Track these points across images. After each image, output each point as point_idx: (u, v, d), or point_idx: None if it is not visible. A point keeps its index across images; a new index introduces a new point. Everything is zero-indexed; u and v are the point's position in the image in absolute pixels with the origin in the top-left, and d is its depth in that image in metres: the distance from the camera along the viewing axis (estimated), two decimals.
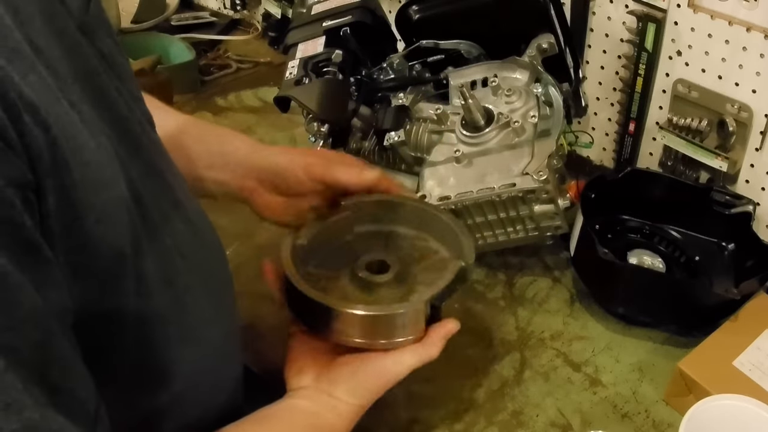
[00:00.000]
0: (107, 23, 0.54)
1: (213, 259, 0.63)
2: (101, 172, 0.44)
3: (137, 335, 0.51)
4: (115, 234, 0.45)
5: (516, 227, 0.95)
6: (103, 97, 0.48)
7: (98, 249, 0.44)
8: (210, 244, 0.63)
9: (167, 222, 0.53)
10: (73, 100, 0.43)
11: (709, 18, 0.94)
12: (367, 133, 0.97)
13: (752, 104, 0.95)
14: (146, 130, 0.55)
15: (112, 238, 0.45)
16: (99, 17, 0.53)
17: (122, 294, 0.47)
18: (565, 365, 0.91)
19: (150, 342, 0.52)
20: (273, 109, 0.96)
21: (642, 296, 0.93)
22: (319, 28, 1.00)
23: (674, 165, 1.07)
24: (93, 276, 0.44)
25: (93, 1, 0.52)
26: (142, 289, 0.49)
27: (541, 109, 0.92)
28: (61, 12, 0.46)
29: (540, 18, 0.93)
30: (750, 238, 0.95)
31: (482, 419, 0.85)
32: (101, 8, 0.53)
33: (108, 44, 0.52)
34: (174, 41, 1.52)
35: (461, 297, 1.00)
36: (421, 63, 1.01)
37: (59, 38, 0.44)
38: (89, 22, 0.50)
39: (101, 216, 0.43)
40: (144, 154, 0.52)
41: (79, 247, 0.42)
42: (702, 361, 0.84)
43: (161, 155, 0.58)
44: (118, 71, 0.53)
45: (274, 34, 1.57)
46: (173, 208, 0.55)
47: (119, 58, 0.54)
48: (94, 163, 0.43)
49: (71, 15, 0.48)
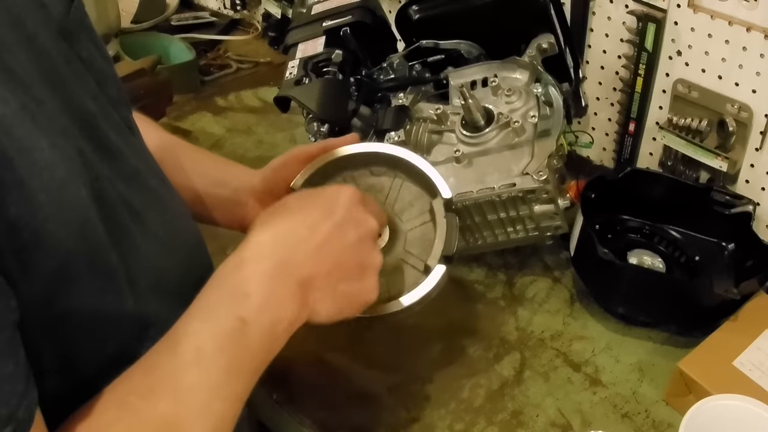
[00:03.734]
0: (90, 28, 0.56)
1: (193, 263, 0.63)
2: (52, 171, 0.44)
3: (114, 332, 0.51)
4: (66, 233, 0.45)
5: (516, 227, 0.95)
6: (72, 100, 0.49)
7: (47, 247, 0.44)
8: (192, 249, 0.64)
9: (142, 224, 0.54)
10: (35, 97, 0.45)
11: (709, 18, 0.94)
12: (367, 133, 0.97)
13: (752, 104, 0.95)
14: (124, 133, 0.56)
15: (62, 237, 0.45)
16: (81, 22, 0.55)
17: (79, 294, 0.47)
18: (565, 365, 0.91)
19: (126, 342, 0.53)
20: (273, 109, 0.96)
21: (642, 296, 0.93)
22: (319, 28, 1.00)
23: (674, 165, 1.07)
24: (42, 275, 0.44)
25: (74, 7, 0.53)
26: (112, 287, 0.50)
27: (541, 109, 0.92)
28: (38, 18, 0.48)
29: (540, 18, 0.93)
30: (750, 238, 0.95)
31: (482, 419, 0.85)
32: (84, 14, 0.55)
33: (89, 48, 0.54)
34: (174, 41, 1.52)
35: (461, 297, 1.00)
36: (421, 63, 1.01)
37: (28, 43, 0.46)
38: (69, 27, 0.52)
39: (50, 215, 0.44)
40: (117, 155, 0.53)
41: (26, 245, 0.43)
42: (702, 361, 0.84)
43: (141, 159, 0.58)
44: (97, 75, 0.54)
45: (274, 34, 1.57)
46: (150, 210, 0.56)
47: (100, 63, 0.55)
48: (43, 161, 0.43)
49: (51, 20, 0.50)
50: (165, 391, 0.49)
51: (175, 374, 0.50)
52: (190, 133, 1.35)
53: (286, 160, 0.79)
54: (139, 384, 0.50)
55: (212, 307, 0.54)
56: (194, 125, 1.37)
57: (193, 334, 0.52)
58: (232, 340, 0.52)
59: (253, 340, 0.53)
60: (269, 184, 0.79)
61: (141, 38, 1.52)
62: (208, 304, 0.54)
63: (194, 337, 0.51)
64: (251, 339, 0.53)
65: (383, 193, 0.79)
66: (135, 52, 1.41)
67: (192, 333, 0.52)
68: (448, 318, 0.97)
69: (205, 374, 0.51)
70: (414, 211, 0.78)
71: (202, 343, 0.51)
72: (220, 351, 0.51)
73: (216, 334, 0.52)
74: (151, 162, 0.62)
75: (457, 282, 1.03)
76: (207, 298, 0.55)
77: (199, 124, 1.37)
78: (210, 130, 1.36)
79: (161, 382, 0.50)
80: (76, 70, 0.52)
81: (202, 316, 0.53)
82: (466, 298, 1.00)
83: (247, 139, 1.33)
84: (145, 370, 0.51)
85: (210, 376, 0.51)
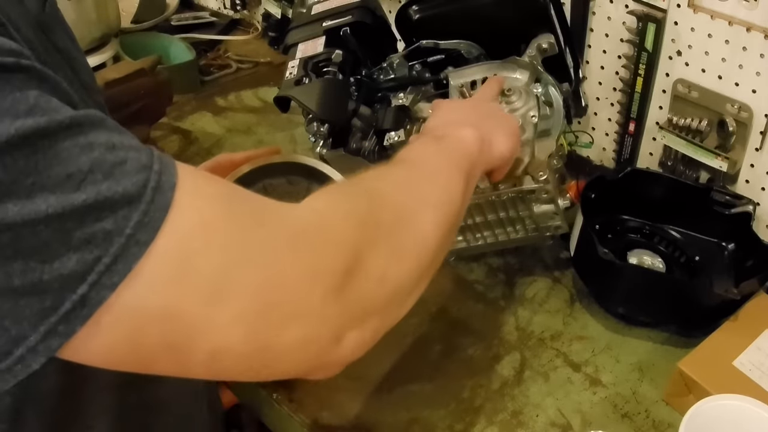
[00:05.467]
0: (63, 22, 0.60)
1: None
2: None
3: None
4: None
5: (516, 227, 0.95)
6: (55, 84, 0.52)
7: None
8: None
9: None
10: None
11: (709, 18, 0.94)
12: (367, 133, 0.97)
13: (752, 104, 0.95)
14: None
15: None
16: (55, 16, 0.58)
17: None
18: (565, 365, 0.91)
19: None
20: (273, 109, 0.96)
21: (642, 296, 0.93)
22: (319, 28, 1.00)
23: (674, 165, 1.07)
24: None
25: (48, 4, 0.57)
26: None
27: (541, 109, 0.92)
28: (19, 11, 0.51)
29: (540, 18, 0.93)
30: (750, 238, 0.95)
31: (482, 419, 0.85)
32: (56, 8, 0.59)
33: (64, 39, 0.58)
34: (174, 41, 1.52)
35: (461, 297, 1.00)
36: (421, 63, 1.01)
37: (16, 31, 0.48)
38: (46, 20, 0.55)
39: None
40: None
41: None
42: (702, 361, 0.83)
43: None
44: (72, 64, 0.58)
45: (274, 34, 1.57)
46: None
47: (74, 53, 0.60)
48: None
49: (29, 14, 0.53)
50: (404, 164, 0.63)
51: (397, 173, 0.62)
52: (190, 133, 1.35)
53: (212, 166, 0.88)
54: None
55: (410, 144, 0.69)
56: (194, 125, 1.37)
57: (401, 152, 0.66)
58: (433, 144, 0.67)
59: (451, 144, 0.67)
60: None
61: (141, 38, 1.52)
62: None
63: (400, 152, 0.66)
64: (448, 143, 0.67)
65: (298, 200, 0.84)
66: (135, 52, 1.41)
67: (400, 152, 0.65)
68: (448, 318, 0.97)
69: (422, 155, 0.65)
70: None
71: (411, 155, 0.65)
72: (426, 146, 0.67)
73: (418, 145, 0.67)
74: None
75: (457, 282, 1.03)
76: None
77: (199, 124, 1.37)
78: (210, 130, 1.36)
79: (401, 161, 0.64)
80: (55, 59, 0.55)
81: (406, 147, 0.67)
82: (466, 298, 1.00)
83: (247, 139, 1.33)
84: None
85: (426, 154, 0.65)
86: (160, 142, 1.30)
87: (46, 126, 0.38)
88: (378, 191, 0.56)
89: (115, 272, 0.38)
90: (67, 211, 0.37)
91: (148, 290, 0.40)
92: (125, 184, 0.39)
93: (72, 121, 0.40)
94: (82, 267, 0.38)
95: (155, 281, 0.40)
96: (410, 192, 0.59)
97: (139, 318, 0.40)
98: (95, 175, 0.39)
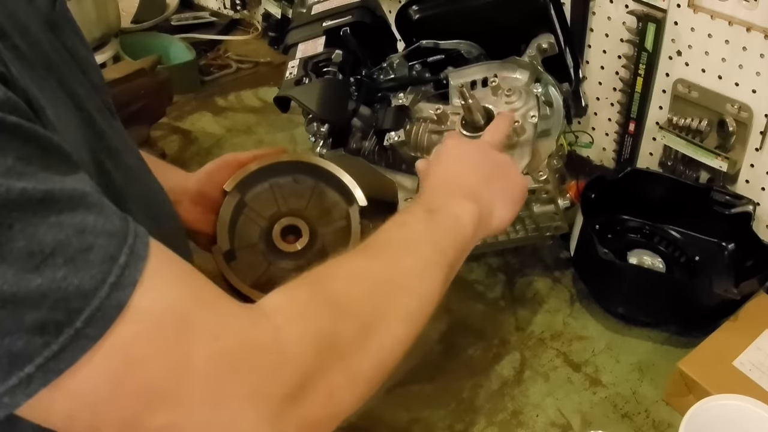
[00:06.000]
0: (72, 21, 0.61)
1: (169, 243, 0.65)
2: (64, 133, 0.47)
3: None
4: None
5: (516, 227, 0.95)
6: (64, 84, 0.53)
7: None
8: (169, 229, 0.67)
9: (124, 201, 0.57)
10: (40, 75, 0.48)
11: (709, 18, 0.94)
12: (367, 133, 0.97)
13: (752, 104, 0.95)
14: (106, 115, 0.61)
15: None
16: (64, 15, 0.59)
17: None
18: (565, 365, 0.91)
19: None
20: (273, 109, 0.96)
21: (642, 296, 0.93)
22: (319, 28, 1.00)
23: (674, 165, 1.07)
24: None
25: (58, 3, 0.58)
26: None
27: (541, 109, 0.92)
28: (28, 11, 0.52)
29: (540, 18, 0.93)
30: (750, 238, 0.95)
31: (482, 419, 0.85)
32: (66, 8, 0.60)
33: (72, 38, 0.59)
34: (174, 41, 1.52)
35: (461, 297, 1.00)
36: (421, 63, 1.01)
37: (22, 33, 0.49)
38: (55, 19, 0.56)
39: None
40: (102, 135, 0.57)
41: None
42: (702, 361, 0.84)
43: (121, 140, 0.62)
44: (80, 63, 0.59)
45: (274, 34, 1.57)
46: (129, 186, 0.59)
47: (83, 52, 0.60)
48: (56, 122, 0.46)
49: (39, 12, 0.54)
50: (382, 255, 0.60)
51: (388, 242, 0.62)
52: (190, 133, 1.35)
53: (219, 164, 0.88)
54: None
55: (401, 214, 0.66)
56: (194, 125, 1.37)
57: (387, 228, 0.63)
58: (423, 220, 0.64)
59: (443, 223, 0.64)
60: (203, 185, 0.86)
61: (141, 38, 1.52)
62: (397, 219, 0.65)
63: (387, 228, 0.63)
64: (440, 222, 0.64)
65: (305, 198, 0.88)
66: (135, 52, 1.41)
67: (386, 228, 0.63)
68: (448, 318, 0.97)
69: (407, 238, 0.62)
70: (332, 216, 0.87)
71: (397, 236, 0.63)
72: (416, 223, 0.64)
73: (409, 219, 0.64)
74: (129, 142, 0.66)
75: (457, 282, 1.02)
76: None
77: (199, 124, 1.37)
78: (210, 130, 1.36)
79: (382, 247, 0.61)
80: (64, 58, 0.55)
81: (396, 220, 0.64)
82: (466, 298, 1.00)
83: (247, 139, 1.33)
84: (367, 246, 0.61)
85: (412, 239, 0.62)
86: (160, 142, 1.30)
87: (18, 197, 0.38)
88: (345, 299, 0.53)
89: (62, 360, 0.39)
90: (21, 293, 0.37)
91: (89, 383, 0.40)
92: (83, 277, 0.39)
93: (46, 195, 0.39)
94: (31, 348, 0.38)
95: (97, 377, 0.40)
96: (381, 301, 0.56)
97: (77, 406, 0.41)
98: (56, 258, 0.38)
